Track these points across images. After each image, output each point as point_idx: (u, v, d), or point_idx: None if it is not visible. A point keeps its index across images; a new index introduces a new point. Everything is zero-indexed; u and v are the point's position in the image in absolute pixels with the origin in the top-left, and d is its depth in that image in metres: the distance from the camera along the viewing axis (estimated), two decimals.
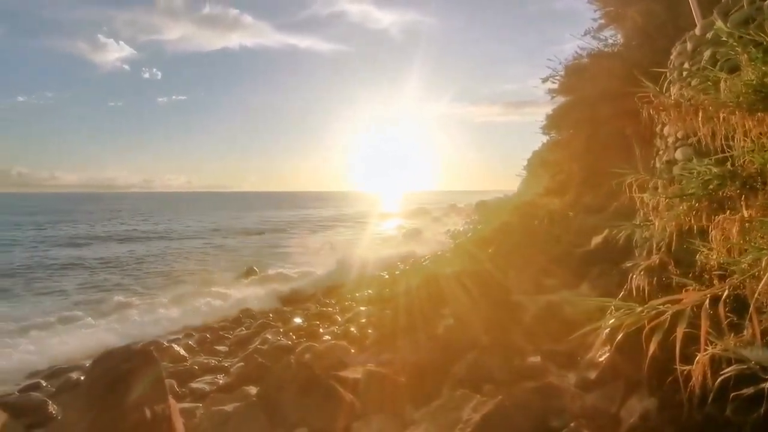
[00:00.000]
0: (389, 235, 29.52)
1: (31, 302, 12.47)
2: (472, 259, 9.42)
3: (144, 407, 3.43)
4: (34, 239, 26.62)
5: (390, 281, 13.02)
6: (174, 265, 18.87)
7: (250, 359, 6.45)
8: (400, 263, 17.46)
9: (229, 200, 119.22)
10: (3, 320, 10.21)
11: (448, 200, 78.52)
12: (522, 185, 34.93)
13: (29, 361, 7.91)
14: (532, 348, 4.09)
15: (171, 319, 10.48)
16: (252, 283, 14.87)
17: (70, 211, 58.05)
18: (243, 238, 29.04)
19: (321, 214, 55.38)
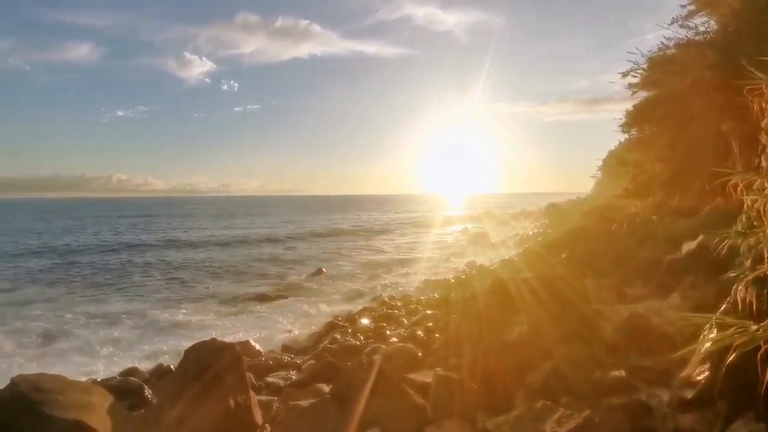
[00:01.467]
0: (454, 239, 29.13)
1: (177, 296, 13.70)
2: (544, 265, 9.03)
3: (228, 397, 3.68)
4: (146, 241, 29.31)
5: (456, 285, 12.85)
6: (253, 265, 19.99)
7: (321, 357, 6.66)
8: (466, 267, 17.16)
9: (300, 204, 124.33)
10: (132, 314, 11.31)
11: (515, 203, 75.98)
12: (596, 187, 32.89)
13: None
14: (614, 361, 3.82)
15: (260, 316, 11.12)
16: (321, 284, 15.39)
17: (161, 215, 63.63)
18: (312, 240, 30.12)
19: (386, 217, 56.00)
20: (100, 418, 2.81)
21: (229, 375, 3.80)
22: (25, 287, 15.31)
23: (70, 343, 9.25)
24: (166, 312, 11.52)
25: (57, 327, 10.33)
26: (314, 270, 17.40)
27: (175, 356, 8.18)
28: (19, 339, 9.47)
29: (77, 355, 8.51)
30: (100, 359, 8.32)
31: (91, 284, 15.69)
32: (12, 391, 2.82)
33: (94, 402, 3.00)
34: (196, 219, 53.39)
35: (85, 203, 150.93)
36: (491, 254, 20.49)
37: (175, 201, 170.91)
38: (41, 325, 10.42)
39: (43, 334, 9.84)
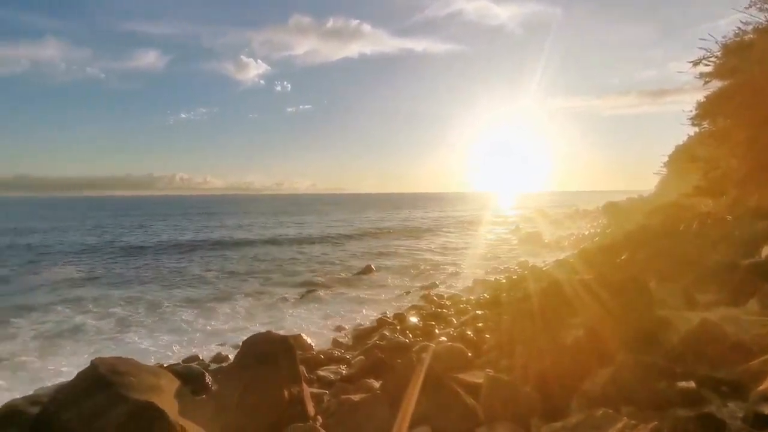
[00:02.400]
0: (505, 238, 28.40)
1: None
2: (602, 267, 8.59)
3: (282, 388, 3.82)
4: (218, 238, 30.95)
5: (507, 285, 12.56)
6: (304, 261, 20.57)
7: (370, 353, 6.74)
8: (517, 267, 16.72)
9: (349, 202, 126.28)
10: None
11: (570, 202, 72.82)
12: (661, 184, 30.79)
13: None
14: (682, 371, 3.56)
15: (310, 311, 11.49)
16: (369, 281, 15.58)
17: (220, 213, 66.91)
18: (361, 238, 30.52)
19: (435, 215, 55.59)
20: (168, 400, 3.02)
21: (283, 366, 3.94)
22: (101, 278, 16.68)
23: (139, 330, 9.99)
24: (223, 304, 12.14)
25: (128, 315, 11.19)
26: (363, 267, 17.62)
27: (232, 346, 8.63)
28: (98, 324, 10.37)
29: (146, 342, 9.17)
30: (165, 346, 8.91)
31: (157, 277, 16.82)
32: (92, 372, 3.09)
33: (162, 385, 3.22)
34: (251, 216, 55.68)
35: (152, 200, 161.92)
36: (544, 255, 19.81)
37: (231, 199, 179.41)
38: (116, 312, 11.37)
39: (117, 320, 10.71)
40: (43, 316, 11.09)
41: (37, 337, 9.44)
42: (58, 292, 14.05)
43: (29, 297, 13.38)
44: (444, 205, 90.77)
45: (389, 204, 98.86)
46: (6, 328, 9.98)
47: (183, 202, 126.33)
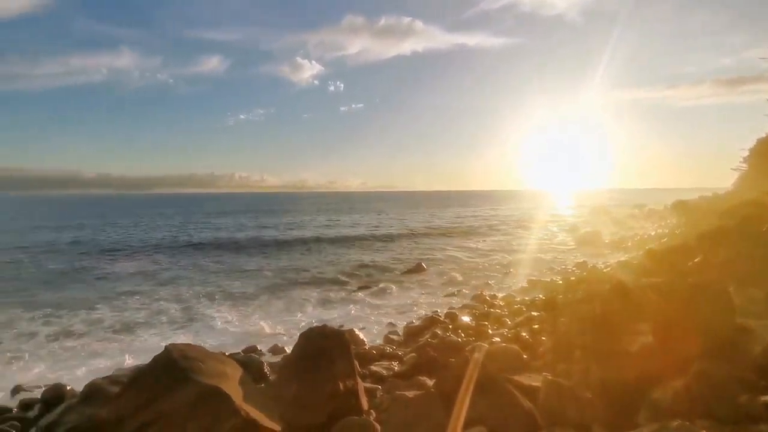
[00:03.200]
0: (562, 238, 27.25)
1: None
2: (672, 270, 8.01)
3: (338, 381, 3.91)
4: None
5: (563, 287, 12.06)
6: (355, 258, 20.90)
7: (423, 351, 6.73)
8: (575, 268, 16.00)
9: (400, 199, 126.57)
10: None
11: (633, 200, 68.51)
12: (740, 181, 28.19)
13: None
14: (765, 384, 3.27)
15: (362, 307, 11.70)
16: (420, 279, 15.55)
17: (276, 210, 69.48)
18: (412, 236, 30.50)
19: (487, 214, 54.39)
20: (233, 386, 3.19)
21: (338, 360, 4.03)
22: (170, 270, 17.88)
23: (204, 319, 10.64)
24: (278, 299, 12.62)
25: (194, 305, 11.96)
26: (414, 265, 17.61)
27: (288, 339, 8.96)
28: (168, 312, 11.19)
29: (210, 330, 9.75)
30: (227, 335, 9.42)
31: (219, 270, 17.77)
32: (166, 356, 3.34)
33: (227, 372, 3.41)
34: (305, 214, 57.28)
35: (214, 198, 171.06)
36: (604, 256, 18.81)
37: (286, 196, 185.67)
38: (184, 302, 12.24)
39: (184, 309, 11.51)
40: (122, 303, 12.20)
41: (117, 323, 10.39)
42: (134, 282, 15.34)
43: (110, 286, 14.70)
44: (496, 203, 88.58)
45: (440, 202, 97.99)
46: (92, 314, 11.07)
47: (242, 200, 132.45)
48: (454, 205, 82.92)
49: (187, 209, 73.63)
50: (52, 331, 9.77)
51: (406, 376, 5.75)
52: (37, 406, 5.99)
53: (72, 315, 10.98)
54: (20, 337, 9.37)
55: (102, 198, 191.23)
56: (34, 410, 5.91)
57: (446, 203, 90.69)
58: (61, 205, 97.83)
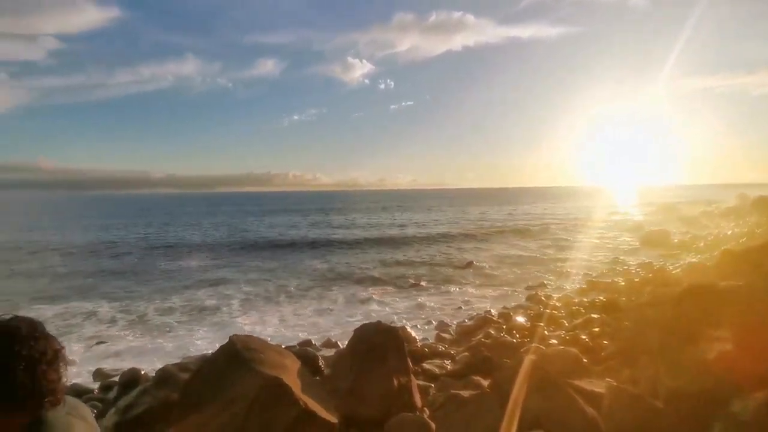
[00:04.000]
0: (624, 237, 25.74)
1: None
2: (754, 271, 7.32)
3: (392, 377, 3.94)
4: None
5: (626, 289, 11.42)
6: (406, 256, 20.94)
7: (476, 351, 6.62)
8: (639, 269, 15.06)
9: (451, 197, 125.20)
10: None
11: (707, 196, 63.37)
12: None
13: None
14: None
15: (413, 305, 11.74)
16: (472, 277, 15.30)
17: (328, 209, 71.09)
18: (462, 233, 30.04)
19: (542, 211, 52.45)
20: (292, 378, 3.31)
21: (392, 356, 4.06)
22: (230, 266, 18.84)
23: (264, 312, 11.16)
24: (332, 294, 12.93)
25: (254, 299, 12.57)
26: (465, 263, 17.37)
27: (341, 334, 9.15)
28: (230, 305, 11.90)
29: (268, 324, 10.18)
30: (284, 329, 9.78)
31: (276, 267, 18.46)
32: (230, 347, 3.53)
33: (287, 364, 3.55)
34: (357, 212, 58.11)
35: (270, 196, 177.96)
36: (673, 256, 17.54)
37: (338, 195, 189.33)
38: (244, 296, 12.90)
39: (245, 302, 12.16)
40: (190, 295, 13.13)
41: (185, 313, 11.21)
42: (201, 276, 16.45)
43: (178, 279, 15.83)
44: (552, 200, 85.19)
45: (492, 199, 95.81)
46: (165, 303, 12.04)
47: (296, 198, 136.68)
48: (507, 202, 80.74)
49: (245, 207, 77.09)
50: (128, 319, 10.68)
51: (460, 375, 5.68)
52: (115, 388, 6.52)
53: (146, 305, 11.93)
54: (101, 324, 10.30)
55: (169, 197, 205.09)
56: (113, 392, 6.43)
57: (499, 200, 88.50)
58: (133, 204, 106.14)
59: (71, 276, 16.58)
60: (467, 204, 77.22)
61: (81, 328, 9.97)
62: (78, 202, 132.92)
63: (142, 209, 76.27)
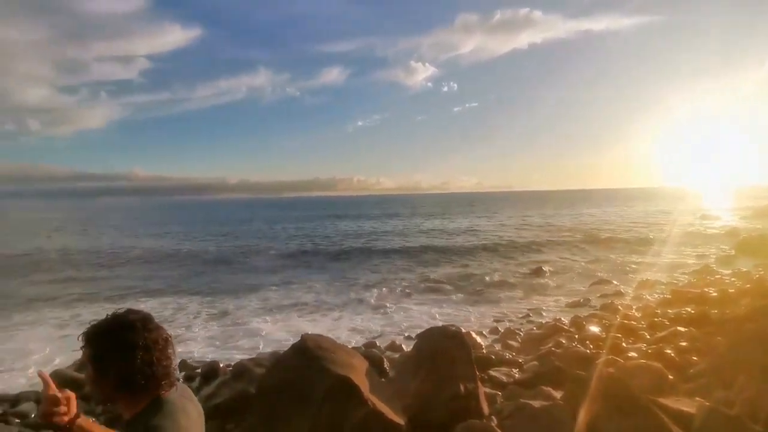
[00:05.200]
0: (717, 244, 23.32)
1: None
2: None
3: (459, 382, 3.90)
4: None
5: (720, 301, 10.36)
6: (472, 258, 20.58)
7: (546, 360, 6.35)
8: (734, 279, 13.60)
9: (517, 199, 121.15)
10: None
11: None
12: None
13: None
14: None
15: (480, 310, 11.59)
16: (541, 284, 14.69)
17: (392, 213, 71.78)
18: (530, 236, 28.89)
19: (616, 214, 48.94)
20: (361, 378, 3.40)
21: (459, 361, 4.01)
22: (302, 267, 19.66)
23: (332, 313, 11.55)
24: (396, 298, 13.02)
25: (324, 299, 13.06)
26: (534, 269, 16.70)
27: (405, 337, 9.20)
28: (299, 304, 12.45)
29: (337, 324, 10.49)
30: (350, 330, 10.03)
31: (344, 268, 18.97)
32: (302, 345, 3.69)
33: (355, 364, 3.64)
34: (420, 217, 58.06)
35: (336, 200, 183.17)
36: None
37: (401, 198, 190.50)
38: (315, 296, 13.51)
39: (316, 302, 12.65)
40: (264, 293, 13.97)
41: (261, 309, 11.97)
42: (275, 275, 17.50)
43: (255, 278, 17.02)
44: (628, 202, 79.25)
45: (561, 202, 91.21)
46: (241, 301, 12.92)
47: (360, 202, 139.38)
48: (578, 204, 76.46)
49: (312, 212, 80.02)
50: (211, 313, 11.61)
51: (529, 384, 5.48)
52: (197, 379, 7.05)
53: (227, 301, 12.92)
54: (187, 317, 11.27)
55: (243, 201, 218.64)
56: (195, 382, 6.96)
57: (569, 203, 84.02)
58: (211, 208, 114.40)
59: (165, 273, 18.49)
60: (534, 206, 74.17)
61: (171, 321, 10.93)
62: (166, 206, 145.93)
63: (220, 212, 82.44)
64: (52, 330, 10.35)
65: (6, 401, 6.30)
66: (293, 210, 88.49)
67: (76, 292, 14.49)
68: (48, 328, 10.53)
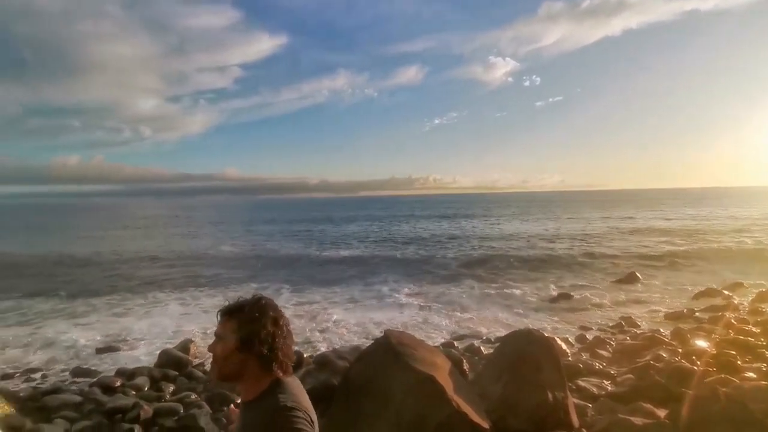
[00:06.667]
0: None
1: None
2: None
3: (546, 389, 3.70)
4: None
5: None
6: (554, 262, 19.54)
7: (644, 374, 5.81)
8: None
9: (606, 199, 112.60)
10: None
11: None
12: None
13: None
14: None
15: (563, 315, 11.01)
16: (634, 291, 13.51)
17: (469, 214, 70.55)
18: (622, 238, 26.65)
19: (727, 214, 43.33)
20: (444, 377, 3.36)
21: (547, 368, 3.81)
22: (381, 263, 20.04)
23: (410, 310, 11.62)
24: (475, 300, 12.73)
25: (405, 297, 13.20)
26: (626, 274, 15.38)
27: (483, 340, 8.97)
28: (380, 298, 12.88)
29: (414, 321, 10.52)
30: (428, 329, 10.00)
31: (421, 270, 18.93)
32: (386, 341, 3.74)
33: (438, 363, 3.61)
34: (498, 216, 56.28)
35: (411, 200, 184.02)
36: None
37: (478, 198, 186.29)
38: (394, 291, 13.80)
39: (389, 299, 12.87)
40: (348, 287, 14.78)
41: (335, 304, 12.47)
42: (350, 269, 18.11)
43: (329, 272, 17.73)
44: (740, 202, 69.81)
45: (658, 201, 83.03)
46: (328, 292, 13.86)
47: (436, 201, 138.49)
48: (677, 204, 69.05)
49: (388, 210, 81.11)
50: (297, 301, 12.64)
51: (625, 399, 5.05)
52: None
53: (312, 291, 14.00)
54: None
55: (322, 200, 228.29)
56: None
57: (667, 202, 76.17)
58: (294, 206, 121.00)
59: (262, 263, 20.50)
60: (627, 206, 68.32)
61: None
62: (254, 204, 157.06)
63: (303, 210, 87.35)
64: (177, 308, 12.16)
65: (124, 375, 7.19)
66: (369, 209, 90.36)
67: (199, 278, 16.38)
68: (175, 306, 12.48)
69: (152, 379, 7.03)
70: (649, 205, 68.67)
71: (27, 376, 7.43)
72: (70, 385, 6.98)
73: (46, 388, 6.69)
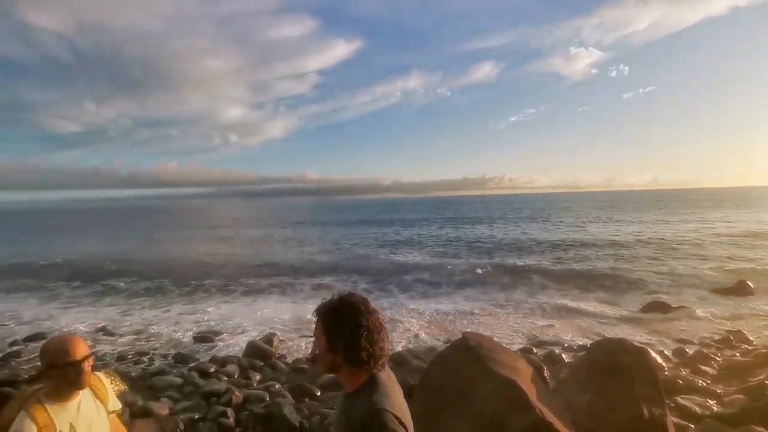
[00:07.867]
0: None
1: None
2: None
3: (641, 404, 3.42)
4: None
5: None
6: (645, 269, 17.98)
7: (758, 394, 5.14)
8: None
9: (705, 198, 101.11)
10: None
11: None
12: None
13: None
14: None
15: (657, 326, 10.17)
16: (744, 302, 11.98)
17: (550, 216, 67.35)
18: (729, 244, 23.73)
19: None
20: (527, 383, 3.24)
21: (641, 381, 3.52)
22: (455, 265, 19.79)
23: (482, 316, 11.32)
24: (556, 304, 12.09)
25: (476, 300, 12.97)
26: (734, 283, 13.69)
27: (564, 348, 8.50)
28: (445, 304, 12.59)
29: (489, 324, 10.27)
30: (502, 330, 9.70)
31: (492, 274, 18.43)
32: (464, 343, 3.70)
33: (520, 368, 3.49)
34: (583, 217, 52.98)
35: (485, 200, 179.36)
36: None
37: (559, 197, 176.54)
38: (463, 293, 13.75)
39: (460, 299, 12.81)
40: (407, 285, 15.03)
41: (406, 301, 12.87)
42: (416, 271, 18.11)
43: (402, 269, 18.15)
44: None
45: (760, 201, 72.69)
46: (385, 286, 14.53)
47: (513, 202, 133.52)
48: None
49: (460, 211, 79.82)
50: (379, 295, 13.51)
51: (735, 421, 4.51)
52: None
53: (374, 284, 14.87)
54: None
55: (395, 201, 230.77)
56: None
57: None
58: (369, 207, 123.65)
59: (334, 258, 21.58)
60: (731, 206, 60.69)
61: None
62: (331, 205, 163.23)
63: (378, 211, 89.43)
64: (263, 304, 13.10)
65: (217, 362, 7.85)
66: (442, 209, 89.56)
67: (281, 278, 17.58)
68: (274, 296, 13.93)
69: (241, 367, 7.60)
70: (753, 206, 60.37)
71: (137, 359, 8.40)
72: (171, 368, 7.77)
73: (153, 370, 7.52)
